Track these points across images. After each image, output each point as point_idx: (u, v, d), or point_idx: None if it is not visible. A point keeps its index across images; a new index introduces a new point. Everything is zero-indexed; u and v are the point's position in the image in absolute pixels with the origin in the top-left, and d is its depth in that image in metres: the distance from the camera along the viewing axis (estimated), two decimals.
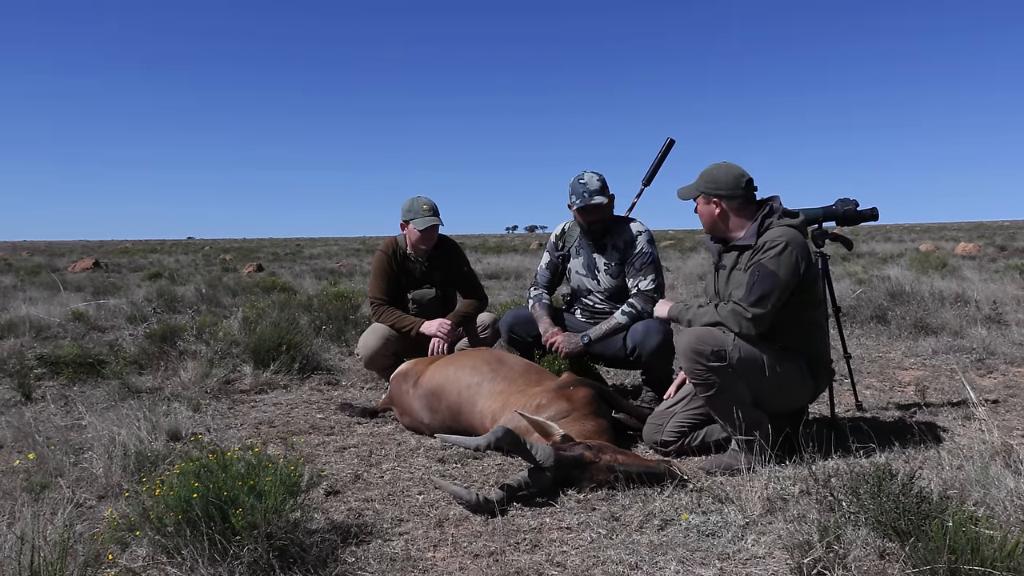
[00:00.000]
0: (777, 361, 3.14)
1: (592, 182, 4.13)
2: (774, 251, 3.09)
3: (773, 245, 3.10)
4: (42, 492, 2.85)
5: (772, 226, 3.20)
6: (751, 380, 3.10)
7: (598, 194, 4.11)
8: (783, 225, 3.19)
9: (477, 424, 3.57)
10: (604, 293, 4.27)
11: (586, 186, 4.12)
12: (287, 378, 5.19)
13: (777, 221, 3.21)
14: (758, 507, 2.61)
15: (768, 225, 3.21)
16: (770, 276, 3.06)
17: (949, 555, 1.95)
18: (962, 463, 2.71)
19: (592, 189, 4.11)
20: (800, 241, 3.15)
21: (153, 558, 2.30)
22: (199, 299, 9.87)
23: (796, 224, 3.22)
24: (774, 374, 3.13)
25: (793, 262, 3.08)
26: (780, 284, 3.06)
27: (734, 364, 3.06)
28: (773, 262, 3.07)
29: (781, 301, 3.09)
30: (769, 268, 3.07)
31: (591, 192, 4.10)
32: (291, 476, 2.38)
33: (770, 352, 3.14)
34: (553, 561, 2.34)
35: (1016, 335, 6.08)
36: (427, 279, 4.76)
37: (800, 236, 3.17)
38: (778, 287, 3.06)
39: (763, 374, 3.11)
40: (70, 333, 7.30)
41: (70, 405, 4.47)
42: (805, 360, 3.24)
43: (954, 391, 4.50)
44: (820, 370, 3.32)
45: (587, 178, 4.15)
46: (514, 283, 13.38)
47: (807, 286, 3.18)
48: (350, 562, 2.35)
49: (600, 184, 4.14)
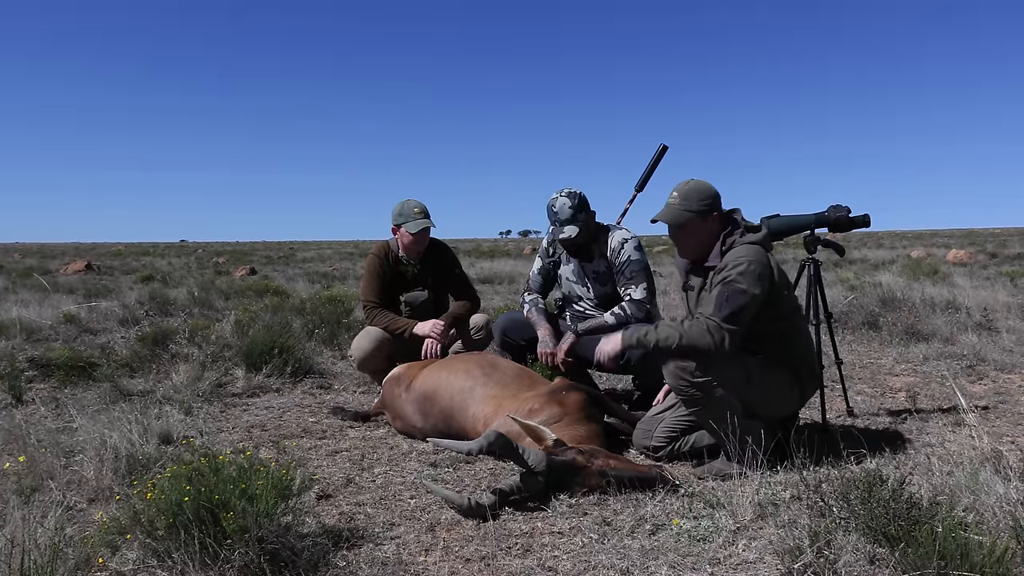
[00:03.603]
0: (761, 370, 3.15)
1: (563, 211, 4.04)
2: (738, 269, 3.07)
3: (736, 264, 3.08)
4: (32, 495, 2.84)
5: (736, 244, 3.18)
6: (736, 391, 3.10)
7: (568, 224, 4.04)
8: (745, 243, 3.17)
9: (469, 428, 3.57)
10: (594, 300, 4.27)
11: (557, 215, 4.06)
12: (279, 382, 5.18)
13: (740, 239, 3.19)
14: (749, 512, 2.62)
15: (731, 244, 3.19)
16: (740, 293, 3.03)
17: (939, 560, 1.96)
18: (952, 469, 2.72)
19: (562, 219, 4.05)
20: (763, 258, 3.12)
21: (144, 562, 2.29)
22: (191, 302, 9.85)
23: (758, 240, 3.19)
24: (760, 383, 3.13)
25: (757, 279, 3.06)
26: (749, 301, 3.04)
27: (718, 379, 3.05)
28: (739, 279, 3.05)
29: (751, 316, 3.07)
30: (738, 286, 3.04)
31: (561, 222, 4.05)
32: (283, 480, 2.38)
33: (753, 362, 3.14)
34: (545, 566, 2.35)
35: (1006, 342, 6.12)
36: (419, 282, 4.77)
37: (762, 252, 3.15)
38: (747, 304, 3.03)
39: (748, 384, 3.11)
40: (62, 336, 7.27)
41: (61, 408, 4.45)
42: (790, 367, 3.24)
43: (944, 397, 4.52)
44: (806, 375, 3.33)
45: (559, 205, 4.06)
46: (507, 287, 13.39)
47: (777, 299, 3.17)
48: (341, 566, 2.35)
49: (571, 212, 4.04)
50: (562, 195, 4.09)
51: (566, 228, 4.05)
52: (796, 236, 4.00)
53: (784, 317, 3.24)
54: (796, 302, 3.40)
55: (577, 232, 4.06)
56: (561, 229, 4.05)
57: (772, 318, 3.16)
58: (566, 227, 4.05)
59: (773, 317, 3.17)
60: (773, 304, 3.15)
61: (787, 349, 3.24)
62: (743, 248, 3.15)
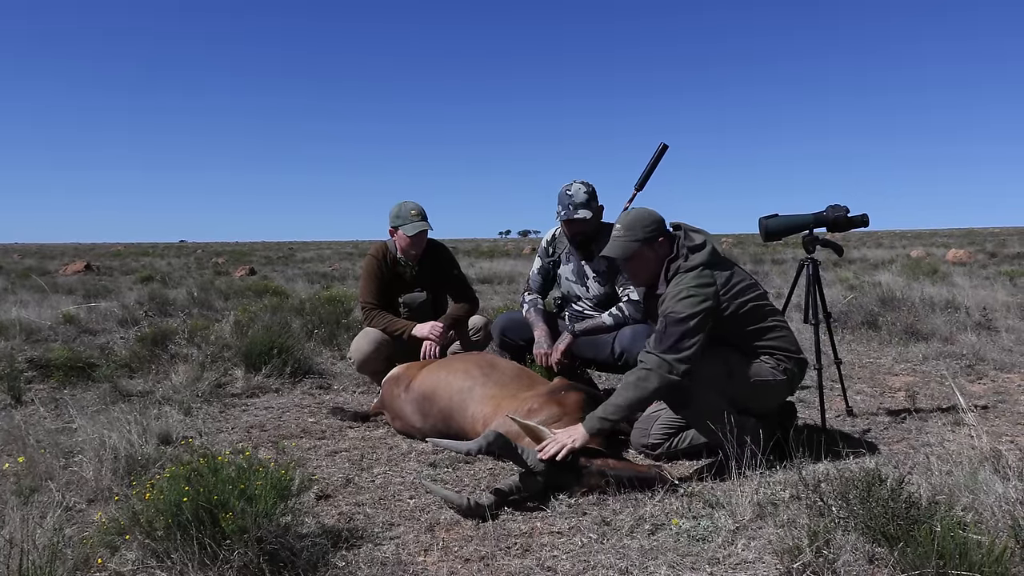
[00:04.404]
0: (741, 365, 3.14)
1: (579, 194, 4.11)
2: (675, 299, 3.05)
3: (674, 296, 3.06)
4: (32, 495, 2.84)
5: (680, 270, 3.16)
6: (718, 388, 3.09)
7: (583, 207, 4.09)
8: (686, 268, 3.15)
9: (468, 428, 3.57)
10: (593, 300, 4.28)
11: (572, 198, 4.11)
12: (279, 382, 5.17)
13: (683, 264, 3.17)
14: (748, 512, 2.62)
15: (675, 271, 3.18)
16: (677, 323, 3.00)
17: (937, 560, 1.96)
18: (951, 468, 2.72)
19: (577, 202, 4.10)
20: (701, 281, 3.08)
21: (143, 562, 2.29)
22: (191, 302, 9.85)
23: (700, 262, 3.14)
24: (743, 378, 3.13)
25: (697, 304, 3.02)
26: (689, 328, 2.99)
27: (699, 378, 3.04)
28: (678, 309, 3.02)
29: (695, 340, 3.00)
30: (676, 316, 3.01)
31: (576, 205, 4.09)
32: (282, 480, 2.38)
33: (732, 358, 3.14)
34: (544, 566, 2.35)
35: (1005, 341, 6.12)
36: (418, 283, 4.76)
37: (701, 275, 3.10)
38: (689, 330, 2.99)
39: (730, 379, 3.11)
40: (61, 336, 7.27)
41: (60, 408, 4.45)
42: (771, 354, 3.22)
43: (944, 397, 4.52)
44: (790, 363, 3.26)
45: (574, 189, 4.13)
46: (507, 287, 13.39)
47: (733, 304, 3.12)
48: (340, 566, 2.35)
49: (587, 197, 4.11)
50: (576, 182, 4.16)
51: (581, 211, 4.09)
52: (795, 236, 4.00)
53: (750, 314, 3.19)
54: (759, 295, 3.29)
55: (591, 215, 4.11)
56: (576, 212, 4.09)
57: (737, 318, 3.14)
58: (580, 210, 4.09)
59: (737, 317, 3.14)
60: (731, 308, 3.12)
61: (761, 338, 3.21)
62: (680, 276, 3.14)
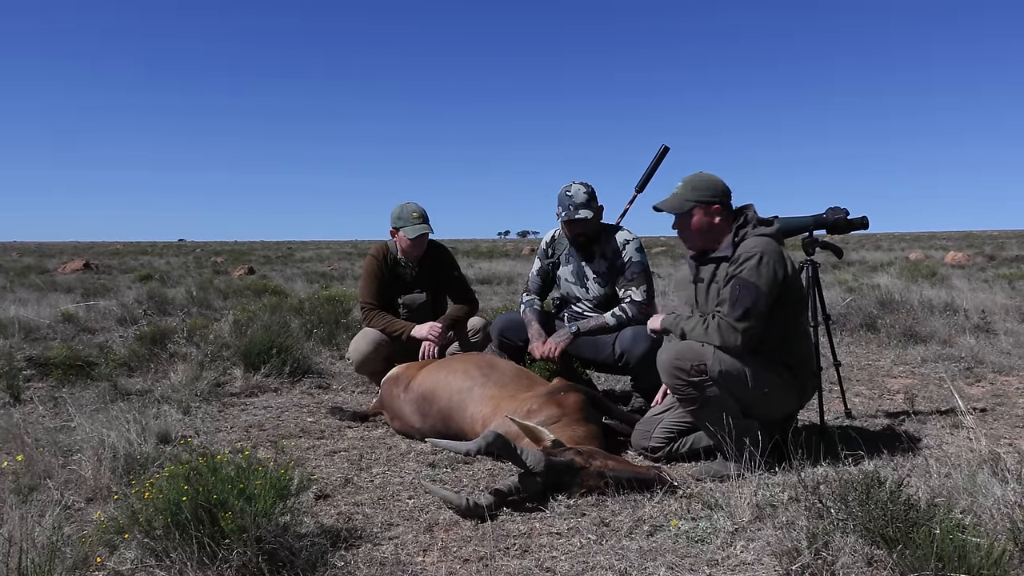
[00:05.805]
0: (760, 371, 3.13)
1: (579, 195, 4.11)
2: (751, 263, 3.07)
3: (748, 256, 3.08)
4: (30, 494, 2.83)
5: (747, 236, 3.18)
6: (734, 392, 3.09)
7: (583, 208, 4.10)
8: (757, 235, 3.17)
9: (468, 429, 3.57)
10: (592, 301, 4.28)
11: (572, 199, 4.11)
12: (277, 381, 5.18)
13: (752, 231, 3.19)
14: (747, 513, 2.62)
15: (743, 236, 3.19)
16: (752, 288, 3.04)
17: (936, 562, 1.96)
18: (950, 471, 2.73)
19: (578, 202, 4.10)
20: (775, 249, 3.13)
21: (142, 561, 2.29)
22: (190, 301, 9.84)
23: (771, 233, 3.20)
24: (758, 384, 3.12)
25: (771, 271, 3.07)
26: (763, 295, 3.04)
27: (715, 378, 3.05)
28: (752, 273, 3.05)
29: (766, 311, 3.07)
30: (749, 280, 3.05)
31: (576, 206, 4.10)
32: (281, 480, 2.37)
33: (752, 362, 3.12)
34: (543, 566, 2.35)
35: (1004, 344, 6.13)
36: (417, 284, 4.77)
37: (774, 244, 3.15)
38: (761, 298, 3.04)
39: (746, 385, 3.10)
40: (60, 334, 7.26)
41: (59, 407, 4.45)
42: (789, 367, 3.23)
43: (942, 399, 4.52)
44: (806, 376, 3.32)
45: (574, 190, 4.13)
46: (506, 288, 13.39)
47: (788, 293, 3.16)
48: (339, 566, 2.35)
49: (587, 197, 4.12)
50: (576, 183, 4.17)
51: (582, 211, 4.10)
52: (794, 238, 4.00)
53: (794, 313, 3.23)
54: (802, 298, 3.38)
55: (592, 216, 4.12)
56: (576, 212, 4.10)
57: (782, 312, 3.15)
58: (581, 211, 4.10)
59: (783, 312, 3.15)
60: (785, 298, 3.14)
61: (789, 348, 3.23)
62: (754, 240, 3.14)
